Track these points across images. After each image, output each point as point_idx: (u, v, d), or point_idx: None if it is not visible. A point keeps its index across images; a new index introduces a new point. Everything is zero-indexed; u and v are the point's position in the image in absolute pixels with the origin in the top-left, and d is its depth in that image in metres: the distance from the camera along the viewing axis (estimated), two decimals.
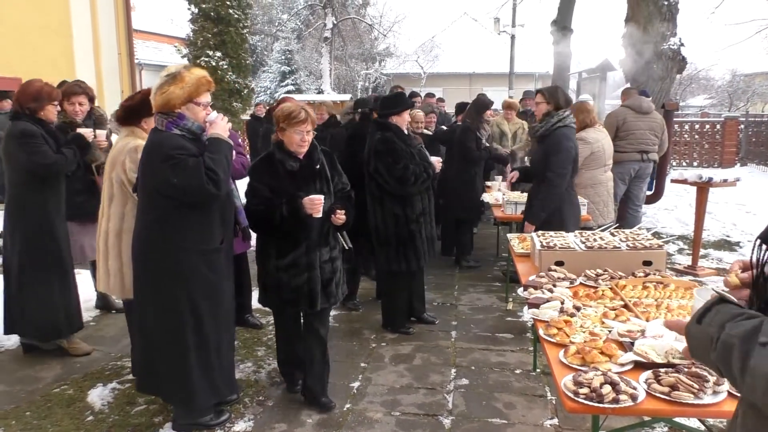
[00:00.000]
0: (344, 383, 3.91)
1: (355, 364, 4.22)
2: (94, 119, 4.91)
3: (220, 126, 2.98)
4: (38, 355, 4.34)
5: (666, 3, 10.15)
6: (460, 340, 4.64)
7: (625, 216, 7.15)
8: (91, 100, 4.77)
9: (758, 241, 1.30)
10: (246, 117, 16.03)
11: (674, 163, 14.85)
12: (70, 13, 12.56)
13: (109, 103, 11.98)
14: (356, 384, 3.90)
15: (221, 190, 2.91)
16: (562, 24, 16.38)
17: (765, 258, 1.25)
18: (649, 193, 7.65)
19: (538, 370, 4.01)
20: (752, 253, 1.30)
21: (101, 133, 4.50)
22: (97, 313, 5.26)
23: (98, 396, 3.73)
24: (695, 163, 16.46)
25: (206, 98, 2.98)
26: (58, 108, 4.24)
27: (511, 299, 5.45)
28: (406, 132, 4.56)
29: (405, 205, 4.53)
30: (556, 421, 3.37)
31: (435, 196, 5.09)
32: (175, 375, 3.07)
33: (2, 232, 4.44)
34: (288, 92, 29.03)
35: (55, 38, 12.10)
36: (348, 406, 3.61)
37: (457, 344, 4.56)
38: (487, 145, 7.02)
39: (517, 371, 4.04)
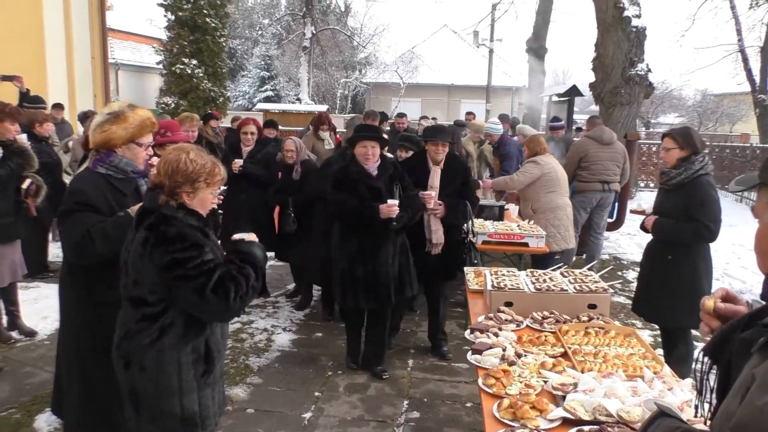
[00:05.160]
0: (296, 413, 3.93)
1: (309, 393, 4.24)
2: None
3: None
4: None
5: (634, 29, 10.40)
6: (416, 370, 4.69)
7: (587, 243, 7.30)
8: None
9: (701, 353, 1.35)
10: (223, 125, 16.00)
11: (642, 185, 15.15)
12: (42, 16, 12.38)
13: (81, 107, 11.86)
14: (308, 415, 3.92)
15: (83, 258, 2.78)
16: (537, 44, 16.70)
17: (707, 371, 1.33)
18: (610, 220, 7.80)
19: None
20: (695, 363, 1.36)
21: (21, 137, 4.80)
22: (52, 332, 5.21)
23: (45, 422, 3.70)
24: None
25: (148, 139, 2.95)
26: None
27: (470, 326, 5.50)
28: (368, 163, 4.33)
29: (342, 237, 4.43)
30: None
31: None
32: (70, 407, 3.04)
33: None
34: (267, 98, 29.01)
35: (27, 42, 11.91)
36: None
37: (412, 374, 4.62)
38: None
39: (468, 404, 4.11)
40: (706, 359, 1.34)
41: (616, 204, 7.87)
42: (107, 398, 2.84)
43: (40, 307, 5.67)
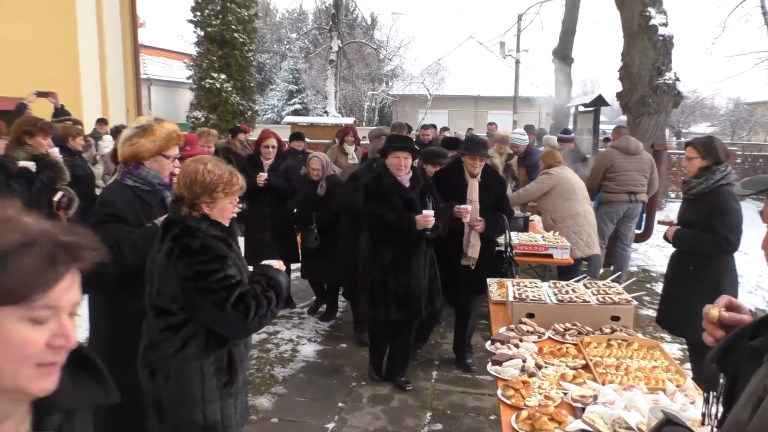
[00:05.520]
0: (319, 424, 3.97)
1: (333, 403, 4.27)
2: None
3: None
4: None
5: (661, 38, 10.29)
6: (439, 381, 4.69)
7: (614, 254, 7.22)
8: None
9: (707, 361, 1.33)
10: (251, 138, 16.31)
11: (672, 195, 14.90)
12: (77, 34, 12.77)
13: (114, 122, 12.18)
14: (331, 425, 3.95)
15: (110, 271, 2.74)
16: (563, 53, 16.61)
17: (714, 379, 1.30)
18: (638, 231, 7.70)
19: None
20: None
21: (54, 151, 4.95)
22: (83, 341, 5.34)
23: None
24: None
25: (174, 151, 3.02)
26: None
27: (491, 338, 5.48)
28: (400, 173, 4.25)
29: (374, 249, 4.33)
30: None
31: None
32: (96, 414, 3.10)
33: None
34: (295, 111, 29.37)
35: (62, 59, 12.29)
36: None
37: (436, 386, 4.61)
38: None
39: (492, 417, 4.09)
40: (713, 367, 1.31)
41: (644, 215, 7.75)
42: (133, 407, 2.91)
43: None
